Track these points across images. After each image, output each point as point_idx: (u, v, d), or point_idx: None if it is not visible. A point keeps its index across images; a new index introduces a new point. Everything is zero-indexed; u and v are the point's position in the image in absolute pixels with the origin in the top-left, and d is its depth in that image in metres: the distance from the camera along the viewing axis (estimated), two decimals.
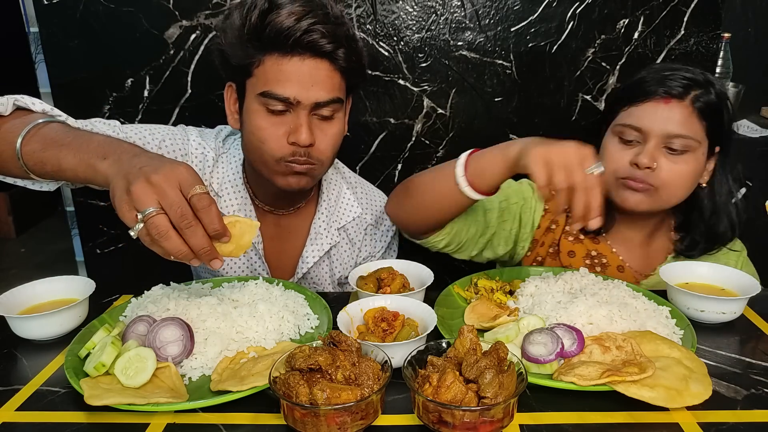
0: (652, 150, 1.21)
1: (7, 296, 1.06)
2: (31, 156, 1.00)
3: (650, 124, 1.21)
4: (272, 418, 0.81)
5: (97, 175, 0.93)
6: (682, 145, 1.20)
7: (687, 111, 1.20)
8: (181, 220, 0.83)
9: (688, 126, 1.20)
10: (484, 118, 1.81)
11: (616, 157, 1.25)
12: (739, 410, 0.82)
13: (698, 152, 1.22)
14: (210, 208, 0.85)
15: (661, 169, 1.21)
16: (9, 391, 0.89)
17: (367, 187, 1.52)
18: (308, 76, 1.16)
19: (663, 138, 1.21)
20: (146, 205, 0.82)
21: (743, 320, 1.08)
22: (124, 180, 0.85)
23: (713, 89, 1.22)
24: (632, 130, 1.23)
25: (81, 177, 0.96)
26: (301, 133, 1.16)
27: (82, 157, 0.95)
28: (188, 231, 0.83)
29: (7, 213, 4.22)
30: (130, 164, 0.87)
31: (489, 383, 0.75)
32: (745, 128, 2.09)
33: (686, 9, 1.71)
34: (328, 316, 1.05)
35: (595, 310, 0.98)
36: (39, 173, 1.02)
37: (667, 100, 1.21)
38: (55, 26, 1.68)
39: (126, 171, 0.86)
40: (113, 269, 1.90)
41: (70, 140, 0.98)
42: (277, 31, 1.12)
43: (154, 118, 1.76)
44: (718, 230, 1.30)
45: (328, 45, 1.14)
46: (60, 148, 0.98)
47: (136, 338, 0.92)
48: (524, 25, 1.73)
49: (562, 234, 1.38)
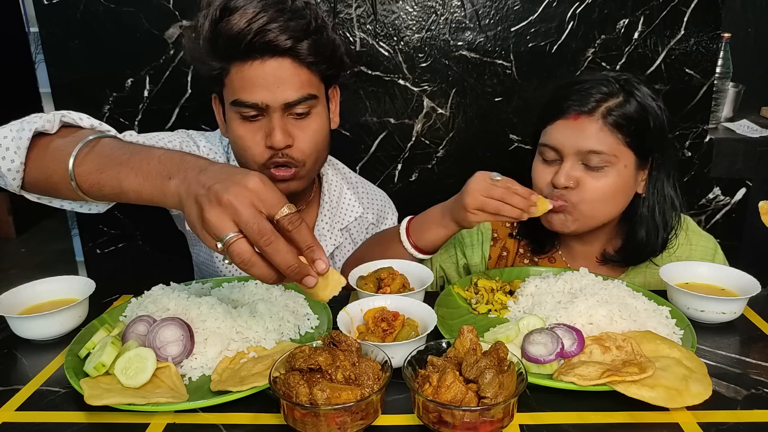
0: (569, 169, 1.19)
1: (7, 296, 1.06)
2: (87, 178, 0.90)
3: (563, 142, 1.20)
4: (272, 418, 0.81)
5: (166, 198, 0.83)
6: (599, 161, 1.18)
7: (597, 126, 1.17)
8: (259, 238, 0.73)
9: (601, 140, 1.17)
10: (484, 118, 1.81)
11: (539, 177, 1.26)
12: (739, 410, 0.82)
13: (619, 165, 1.19)
14: (301, 227, 0.76)
15: (582, 186, 1.19)
16: (9, 391, 0.89)
17: (368, 187, 1.52)
18: (272, 78, 1.13)
19: (577, 155, 1.19)
20: (224, 232, 0.74)
21: (743, 320, 1.08)
22: (195, 205, 0.76)
23: (633, 98, 1.19)
24: (549, 150, 1.23)
25: (146, 198, 0.86)
26: (275, 136, 1.15)
27: (145, 177, 0.85)
28: (269, 249, 0.74)
29: (7, 213, 4.23)
30: (197, 183, 0.78)
31: (489, 383, 0.75)
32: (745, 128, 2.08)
33: (686, 9, 1.71)
34: (328, 316, 1.05)
35: (595, 310, 0.98)
36: (95, 195, 0.92)
37: (576, 117, 1.19)
38: (55, 26, 1.68)
39: (195, 192, 0.77)
40: (113, 269, 1.90)
41: (128, 157, 0.88)
42: (230, 38, 1.10)
43: (154, 118, 1.76)
44: (638, 240, 1.26)
45: (286, 41, 1.11)
46: (119, 167, 0.88)
47: (136, 338, 0.92)
48: (524, 25, 1.73)
49: (516, 257, 1.38)
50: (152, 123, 1.76)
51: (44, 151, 0.96)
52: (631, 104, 1.18)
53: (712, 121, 2.07)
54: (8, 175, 0.95)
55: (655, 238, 1.26)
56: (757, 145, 1.98)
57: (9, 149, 0.94)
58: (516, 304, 1.10)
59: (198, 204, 0.76)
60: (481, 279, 1.17)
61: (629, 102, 1.18)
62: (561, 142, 1.20)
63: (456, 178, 1.85)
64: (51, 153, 0.95)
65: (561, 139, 1.20)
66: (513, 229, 1.39)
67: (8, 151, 0.94)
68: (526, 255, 1.38)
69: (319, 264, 0.77)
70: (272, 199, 0.76)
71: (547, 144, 1.23)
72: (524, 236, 1.37)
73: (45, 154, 0.95)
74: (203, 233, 0.76)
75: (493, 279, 1.18)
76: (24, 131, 0.95)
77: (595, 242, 1.33)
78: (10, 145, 0.95)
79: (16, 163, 0.95)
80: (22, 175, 0.96)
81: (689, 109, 1.83)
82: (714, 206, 1.97)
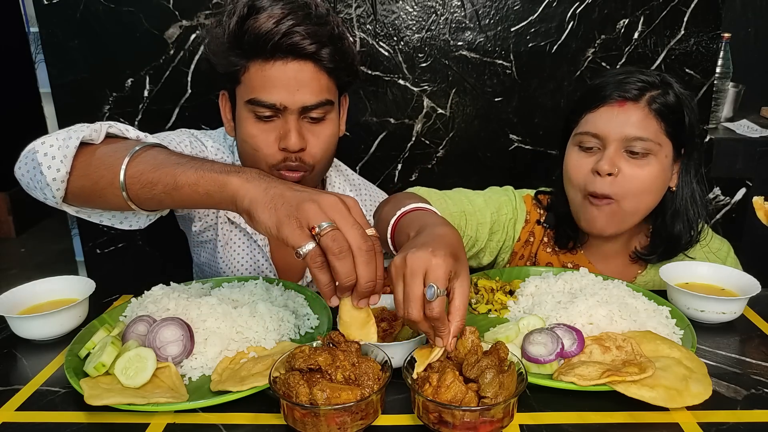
0: (612, 155, 1.18)
1: (7, 296, 1.06)
2: (139, 178, 0.89)
3: (607, 128, 1.19)
4: (272, 418, 0.81)
5: (225, 188, 0.82)
6: (642, 148, 1.17)
7: (643, 112, 1.18)
8: (363, 241, 0.74)
9: (646, 127, 1.17)
10: (484, 118, 1.81)
11: (578, 166, 1.23)
12: (739, 410, 0.82)
13: (660, 155, 1.19)
14: (381, 255, 0.78)
15: (624, 175, 1.18)
16: (9, 391, 0.89)
17: (370, 189, 1.52)
18: (293, 80, 1.13)
19: (621, 142, 1.18)
20: (322, 220, 0.74)
21: (743, 320, 1.08)
22: (285, 198, 0.77)
23: (671, 90, 1.20)
24: (591, 137, 1.21)
25: (201, 192, 0.85)
26: (290, 138, 1.15)
27: (205, 172, 0.85)
28: (368, 256, 0.75)
29: (7, 213, 4.22)
30: (283, 184, 0.80)
31: (489, 383, 0.75)
32: (745, 128, 2.09)
33: (686, 9, 1.71)
34: (328, 316, 1.05)
35: (595, 310, 0.98)
36: (144, 197, 0.91)
37: (621, 103, 1.18)
38: (55, 26, 1.68)
39: (282, 189, 0.78)
40: (113, 269, 1.90)
41: (187, 160, 0.90)
42: (256, 36, 1.10)
43: (154, 118, 1.76)
44: (675, 235, 1.26)
45: (311, 46, 1.12)
46: (175, 166, 0.88)
47: (136, 338, 0.92)
48: (524, 25, 1.73)
49: (540, 245, 1.37)
50: (152, 123, 1.75)
51: (91, 158, 0.95)
52: (670, 95, 1.19)
53: (712, 121, 2.07)
54: (53, 185, 0.94)
55: (688, 230, 1.26)
56: (757, 145, 1.98)
57: (56, 158, 0.94)
58: (516, 304, 1.10)
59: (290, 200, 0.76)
60: (481, 279, 1.17)
61: (668, 93, 1.20)
62: (605, 129, 1.19)
63: (456, 178, 1.87)
64: (99, 159, 0.94)
65: (604, 126, 1.19)
66: (541, 216, 1.38)
67: (54, 160, 0.94)
68: (549, 244, 1.37)
69: (374, 299, 0.79)
70: (365, 219, 0.78)
71: (587, 132, 1.21)
72: (551, 226, 1.36)
73: (92, 161, 0.95)
74: (293, 222, 0.75)
75: (493, 279, 1.18)
76: (71, 140, 0.94)
77: (619, 240, 1.32)
78: (56, 154, 0.94)
79: (62, 172, 0.94)
80: (66, 185, 0.95)
81: None
82: (714, 206, 1.97)
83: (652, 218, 1.29)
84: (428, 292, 0.75)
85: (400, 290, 0.78)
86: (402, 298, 0.78)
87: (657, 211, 1.27)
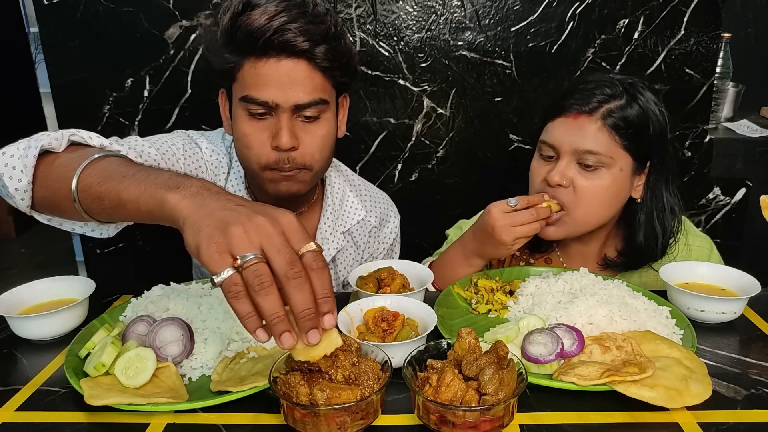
0: (564, 167, 1.20)
1: (7, 296, 1.06)
2: (88, 192, 0.86)
3: (561, 140, 1.20)
4: (272, 418, 0.81)
5: (163, 207, 0.76)
6: (594, 161, 1.18)
7: (595, 126, 1.18)
8: (289, 268, 0.67)
9: (598, 141, 1.17)
10: (484, 118, 1.81)
11: (535, 173, 1.27)
12: (739, 410, 0.82)
13: (614, 168, 1.19)
14: (324, 270, 0.70)
15: (575, 186, 1.20)
16: (9, 391, 0.89)
17: (370, 189, 1.52)
18: (286, 78, 1.12)
19: (574, 154, 1.19)
20: (247, 249, 0.68)
21: (743, 320, 1.08)
22: (213, 218, 0.70)
23: (636, 102, 1.19)
24: (548, 147, 1.24)
25: (143, 210, 0.79)
26: (282, 136, 1.14)
27: (147, 187, 0.79)
28: (296, 282, 0.68)
29: (7, 213, 4.22)
30: (218, 201, 0.73)
31: (490, 379, 0.75)
32: (744, 128, 2.08)
33: (686, 9, 1.71)
34: None
35: (595, 310, 0.98)
36: (96, 211, 0.87)
37: (576, 116, 1.19)
38: (55, 26, 1.68)
39: (215, 207, 0.72)
40: (113, 269, 1.90)
41: (134, 172, 0.84)
42: (248, 33, 1.09)
43: (154, 118, 1.76)
44: (638, 245, 1.26)
45: (304, 43, 1.11)
46: (121, 179, 0.83)
47: (136, 338, 0.92)
48: (524, 25, 1.73)
49: (513, 259, 1.38)
50: (152, 123, 1.76)
51: (50, 168, 0.94)
52: (632, 108, 1.19)
53: (712, 121, 2.07)
54: (16, 195, 0.93)
55: (654, 243, 1.26)
56: (757, 145, 1.98)
57: (16, 168, 0.93)
58: (516, 304, 1.10)
59: (221, 219, 0.70)
60: (480, 279, 1.17)
61: (631, 105, 1.19)
62: (559, 140, 1.21)
63: (456, 178, 1.87)
64: (56, 169, 0.92)
65: (559, 137, 1.21)
66: None
67: (15, 170, 0.93)
68: (521, 257, 1.39)
69: (329, 319, 0.71)
70: (302, 235, 0.71)
71: (545, 141, 1.24)
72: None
73: (50, 171, 0.93)
74: (213, 246, 0.68)
75: (493, 279, 1.18)
76: (30, 149, 0.93)
77: (592, 243, 1.33)
78: (17, 164, 0.93)
79: (23, 182, 0.93)
80: (31, 195, 0.94)
81: (689, 109, 1.83)
82: (714, 206, 1.97)
83: (622, 228, 1.30)
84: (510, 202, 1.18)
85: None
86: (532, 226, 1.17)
87: (626, 221, 1.28)
